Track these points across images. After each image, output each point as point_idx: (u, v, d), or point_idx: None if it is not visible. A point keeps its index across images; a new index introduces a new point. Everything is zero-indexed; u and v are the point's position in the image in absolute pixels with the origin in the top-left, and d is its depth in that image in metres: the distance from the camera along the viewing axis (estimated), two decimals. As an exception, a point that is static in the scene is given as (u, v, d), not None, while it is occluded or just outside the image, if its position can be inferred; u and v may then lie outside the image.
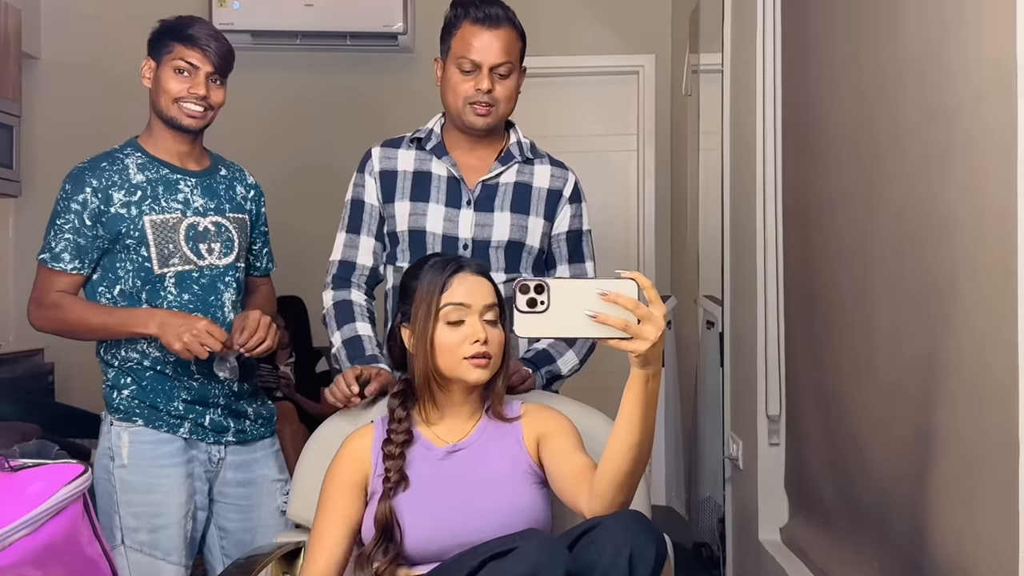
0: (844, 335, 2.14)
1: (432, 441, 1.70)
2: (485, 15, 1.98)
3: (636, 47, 4.82)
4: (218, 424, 2.15)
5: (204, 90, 2.09)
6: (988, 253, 1.44)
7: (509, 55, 2.00)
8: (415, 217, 2.04)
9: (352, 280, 2.09)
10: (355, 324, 2.02)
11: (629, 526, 1.40)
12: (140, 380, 2.11)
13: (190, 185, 2.15)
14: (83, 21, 4.72)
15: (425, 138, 2.09)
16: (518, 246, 2.05)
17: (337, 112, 4.72)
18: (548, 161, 2.14)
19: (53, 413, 3.75)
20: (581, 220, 2.15)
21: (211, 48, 2.09)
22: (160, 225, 2.09)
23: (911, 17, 1.72)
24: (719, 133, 3.14)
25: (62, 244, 2.08)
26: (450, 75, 2.00)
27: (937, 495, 1.63)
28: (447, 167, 2.06)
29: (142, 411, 2.10)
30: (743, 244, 2.89)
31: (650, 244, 4.83)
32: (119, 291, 2.10)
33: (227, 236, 2.17)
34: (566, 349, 2.05)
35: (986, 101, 1.43)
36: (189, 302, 2.10)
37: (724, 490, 3.15)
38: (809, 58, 2.39)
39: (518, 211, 2.06)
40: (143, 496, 2.07)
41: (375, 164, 2.09)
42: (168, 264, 2.09)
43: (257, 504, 2.20)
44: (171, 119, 2.10)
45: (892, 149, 1.82)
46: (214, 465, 2.16)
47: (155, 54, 2.12)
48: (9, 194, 4.37)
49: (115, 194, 2.08)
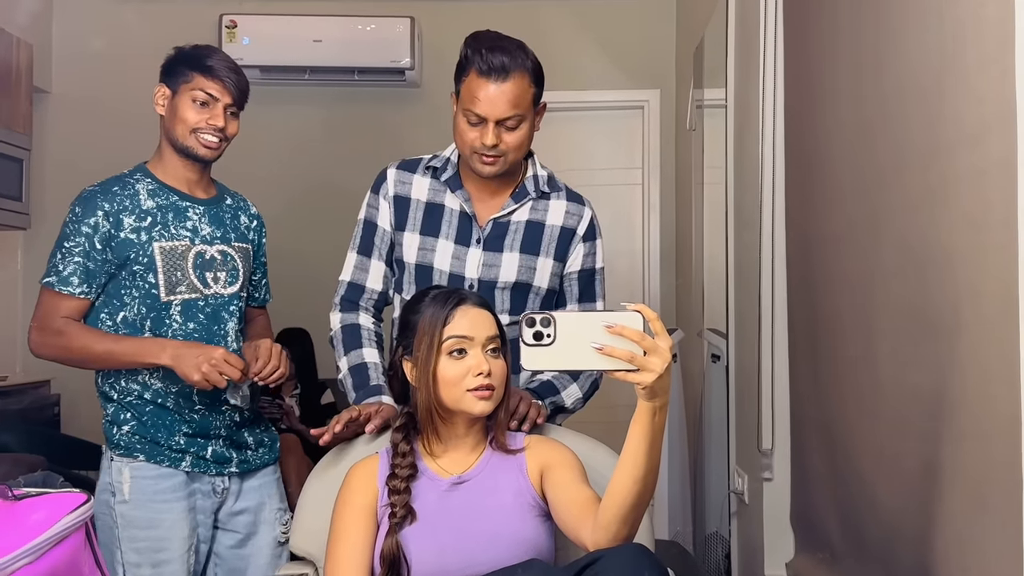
0: (848, 368, 2.14)
1: (437, 473, 1.69)
2: (490, 67, 1.89)
3: (641, 82, 4.86)
4: (220, 455, 2.13)
5: (222, 122, 2.09)
6: (991, 287, 1.44)
7: (518, 107, 1.91)
8: (423, 252, 2.02)
9: (360, 304, 2.07)
10: (362, 350, 2.01)
11: (633, 559, 1.40)
12: (140, 415, 2.08)
13: (198, 213, 2.14)
14: (94, 56, 4.77)
15: (441, 168, 2.05)
16: (525, 287, 2.02)
17: (344, 146, 4.76)
18: (565, 195, 2.09)
19: (59, 445, 3.74)
20: (595, 258, 2.11)
21: (231, 80, 2.09)
22: (169, 252, 2.08)
23: (911, 51, 1.74)
24: (723, 167, 3.15)
25: (71, 267, 2.04)
26: (459, 122, 1.94)
27: (943, 530, 1.62)
28: (460, 202, 2.02)
29: (143, 446, 2.07)
30: (747, 277, 2.89)
31: (655, 277, 4.84)
32: (122, 318, 2.07)
33: (232, 265, 2.17)
34: (570, 382, 2.03)
35: (989, 135, 1.43)
36: (194, 331, 2.09)
37: (730, 525, 3.13)
38: (812, 92, 2.41)
39: (528, 251, 2.02)
40: (145, 531, 2.05)
41: (390, 187, 2.06)
42: (175, 292, 2.08)
43: (255, 532, 2.19)
44: (186, 148, 2.10)
45: (895, 182, 1.83)
46: (218, 495, 2.15)
47: (171, 82, 2.11)
48: (18, 226, 4.40)
49: (125, 219, 2.06)
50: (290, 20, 4.67)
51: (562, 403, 2.03)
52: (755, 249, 2.75)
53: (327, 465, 1.90)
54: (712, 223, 3.62)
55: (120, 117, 4.65)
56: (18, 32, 4.31)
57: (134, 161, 2.21)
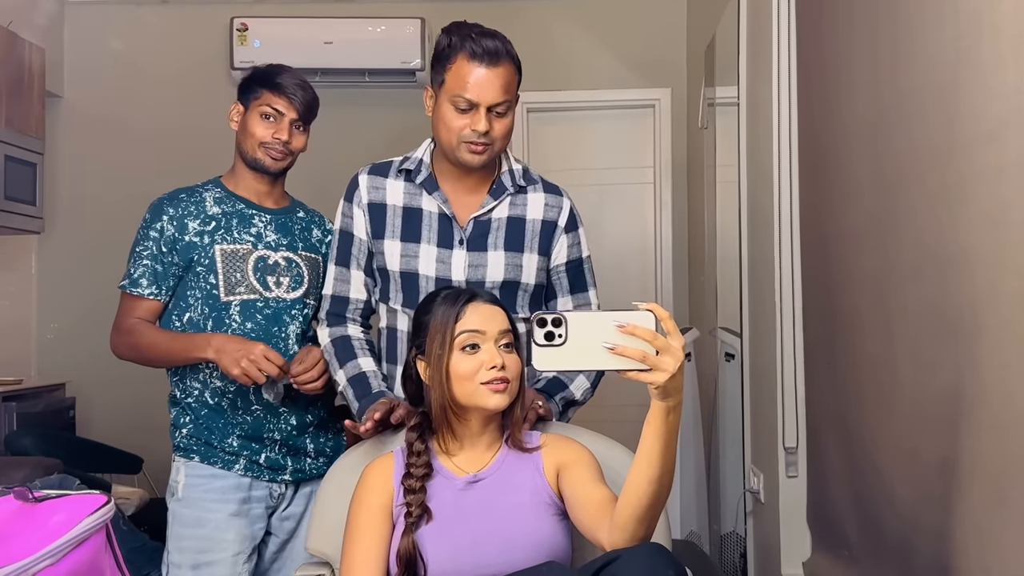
0: (866, 365, 2.13)
1: (452, 471, 1.70)
2: (484, 50, 1.87)
3: (652, 81, 4.86)
4: (274, 462, 2.17)
5: (287, 136, 2.17)
6: (1009, 285, 1.43)
7: (508, 92, 1.91)
8: (407, 259, 1.98)
9: (347, 315, 2.06)
10: (358, 360, 1.99)
11: (651, 559, 1.40)
12: (197, 417, 2.15)
13: (264, 221, 2.22)
14: (106, 60, 4.80)
15: (415, 170, 2.02)
16: (513, 285, 2.00)
17: (356, 148, 4.76)
18: (542, 187, 2.06)
19: (74, 447, 3.77)
20: (580, 248, 2.08)
21: (297, 96, 2.18)
22: (230, 254, 2.16)
23: (929, 46, 1.73)
24: (735, 165, 3.14)
25: (140, 270, 2.16)
26: (444, 111, 1.91)
27: (963, 527, 1.61)
28: (438, 203, 1.99)
29: (199, 447, 2.15)
30: (761, 275, 2.88)
31: (667, 276, 4.84)
32: (188, 319, 2.15)
33: (297, 272, 2.22)
34: (576, 374, 2.02)
35: (1007, 132, 1.42)
36: (252, 331, 2.14)
37: (746, 524, 3.12)
38: (826, 89, 2.40)
39: (512, 249, 1.99)
40: (191, 530, 2.10)
41: (363, 195, 2.03)
42: (234, 292, 2.15)
43: (296, 536, 2.22)
44: (254, 161, 2.19)
45: (912, 179, 1.82)
46: (275, 500, 2.19)
47: (244, 99, 2.21)
48: (32, 230, 4.43)
49: (190, 223, 2.16)
50: (301, 22, 4.69)
51: (572, 397, 2.02)
52: (769, 247, 2.74)
53: (341, 467, 1.90)
54: (725, 221, 3.62)
55: (132, 121, 4.68)
56: (31, 37, 4.33)
57: (146, 164, 2.28)
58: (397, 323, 2.03)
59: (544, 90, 4.84)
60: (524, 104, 4.85)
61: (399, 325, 2.03)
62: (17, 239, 4.60)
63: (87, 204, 4.61)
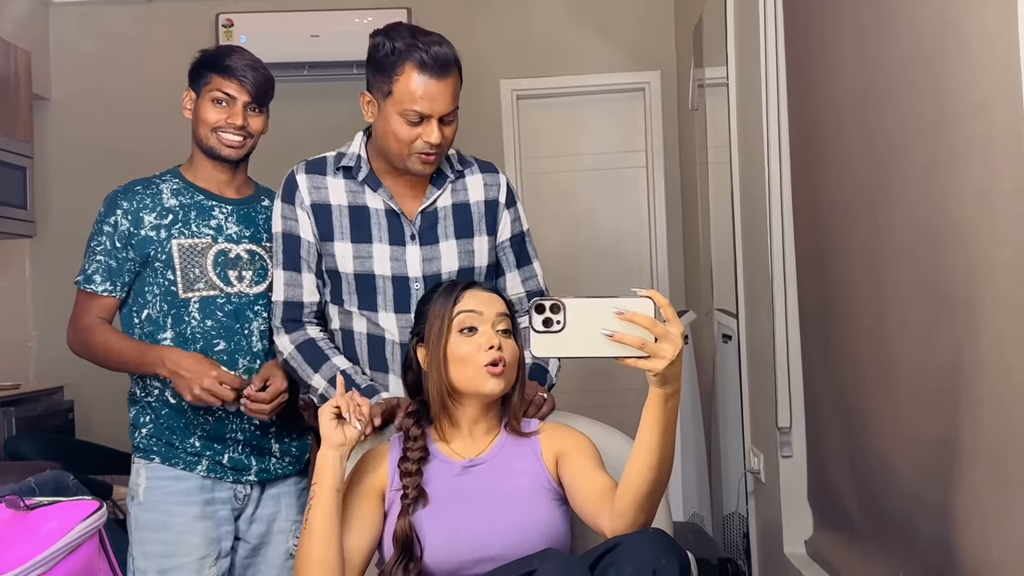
0: (862, 343, 2.12)
1: (449, 456, 1.70)
2: (435, 60, 1.80)
3: (641, 64, 4.84)
4: (238, 462, 2.10)
5: (241, 120, 2.09)
6: (1003, 255, 1.42)
7: (456, 99, 1.86)
8: (360, 260, 1.94)
9: (303, 319, 2.00)
10: (332, 361, 1.94)
11: (652, 545, 1.39)
12: (157, 417, 2.09)
13: (225, 212, 2.14)
14: (92, 60, 4.78)
15: (355, 167, 1.97)
16: (468, 272, 1.98)
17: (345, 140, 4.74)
18: (478, 168, 2.04)
19: (73, 450, 3.77)
20: (520, 223, 2.07)
21: (248, 78, 2.09)
22: (188, 249, 2.09)
23: (916, 21, 1.72)
24: (727, 146, 3.13)
25: (94, 266, 2.10)
26: (393, 123, 1.84)
27: (963, 502, 1.61)
28: (383, 199, 1.95)
29: (159, 448, 2.08)
30: (755, 255, 2.88)
31: (663, 259, 4.83)
32: (146, 315, 2.09)
33: (261, 265, 2.14)
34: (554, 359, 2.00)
35: (995, 104, 1.42)
36: (212, 328, 2.08)
37: (747, 504, 3.13)
38: (814, 66, 2.39)
39: (463, 236, 1.98)
40: (155, 534, 2.04)
41: (304, 196, 1.96)
42: (193, 288, 2.07)
43: (266, 543, 2.15)
44: (210, 149, 2.11)
45: (903, 154, 1.81)
46: (240, 503, 2.12)
47: (195, 85, 2.13)
48: (25, 235, 4.41)
49: (146, 217, 2.09)
50: (287, 16, 4.66)
51: (552, 382, 2.01)
52: (762, 226, 2.73)
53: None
54: (718, 202, 3.61)
55: (121, 120, 4.66)
56: (15, 40, 4.30)
57: (137, 163, 2.23)
58: (353, 325, 1.98)
59: (534, 76, 4.82)
60: (513, 91, 4.84)
61: (355, 327, 1.98)
62: (10, 244, 4.58)
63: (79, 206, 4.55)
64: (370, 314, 1.95)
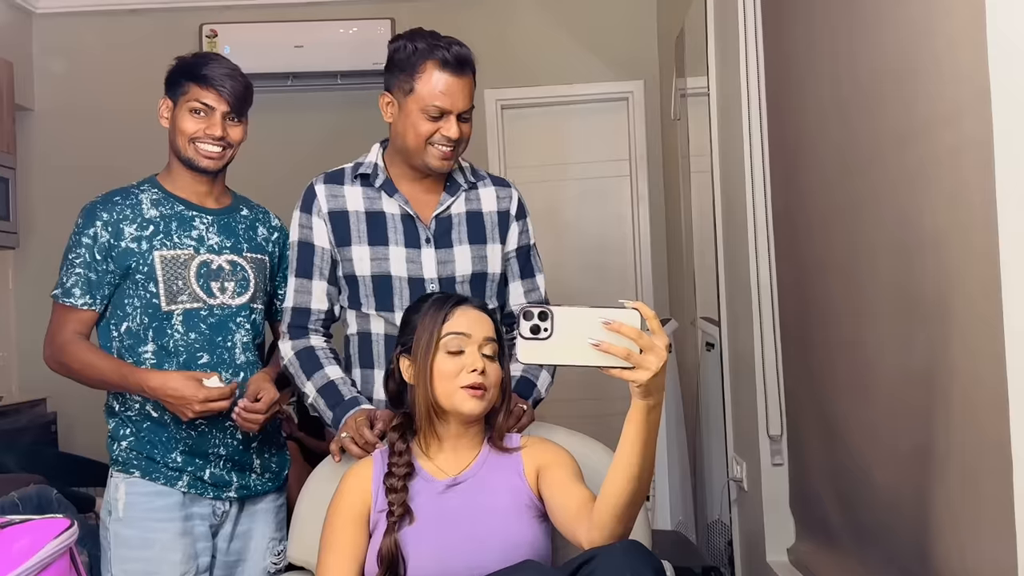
0: (840, 352, 2.14)
1: (433, 474, 1.70)
2: (455, 59, 1.91)
3: (624, 74, 4.85)
4: (219, 478, 2.07)
5: (220, 131, 2.06)
6: (974, 265, 1.44)
7: (472, 98, 1.96)
8: (377, 262, 1.99)
9: (309, 327, 2.03)
10: (324, 370, 1.97)
11: (627, 556, 1.40)
12: (138, 431, 2.05)
13: (206, 223, 2.11)
14: (76, 71, 4.76)
15: (372, 174, 2.02)
16: (481, 277, 2.04)
17: (330, 150, 4.72)
18: (491, 182, 2.11)
19: (57, 463, 3.75)
20: (528, 235, 2.14)
21: (226, 88, 2.06)
22: (170, 261, 2.05)
23: (886, 33, 1.74)
24: (708, 155, 3.15)
25: (73, 279, 2.04)
26: (413, 119, 1.92)
27: (939, 510, 1.63)
28: (399, 204, 2.01)
29: (139, 462, 2.04)
30: (737, 264, 2.89)
31: (647, 267, 4.84)
32: (126, 328, 2.05)
33: (242, 276, 2.12)
34: (539, 370, 2.03)
35: (964, 115, 1.43)
36: (196, 341, 2.05)
37: (731, 512, 3.14)
38: (792, 77, 2.41)
39: (476, 242, 2.04)
40: (136, 552, 2.00)
41: (322, 204, 2.01)
42: (176, 301, 2.04)
43: (242, 560, 2.12)
44: (188, 160, 2.08)
45: (876, 164, 1.83)
46: (218, 519, 2.09)
47: (172, 94, 2.10)
48: (7, 246, 4.40)
49: (126, 228, 2.05)
50: (271, 27, 4.66)
51: (540, 396, 2.04)
52: (743, 235, 2.75)
53: (322, 476, 1.90)
54: (700, 211, 3.62)
55: (105, 131, 4.64)
56: (-3, 51, 4.29)
57: (121, 174, 2.19)
58: (371, 327, 2.02)
59: (517, 86, 4.83)
60: (498, 100, 4.85)
61: (373, 328, 2.02)
62: (-8, 255, 4.57)
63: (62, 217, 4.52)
64: (387, 315, 1.99)
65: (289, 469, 2.25)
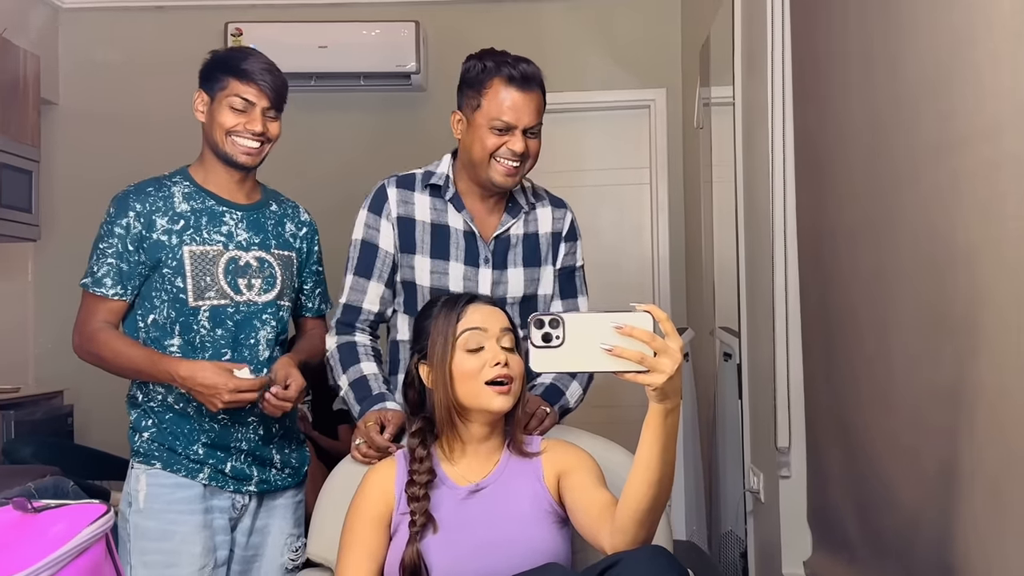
0: (864, 365, 2.12)
1: (456, 480, 1.70)
2: (522, 75, 1.94)
3: (647, 81, 4.85)
4: (240, 472, 2.07)
5: (260, 126, 2.05)
6: (1006, 279, 1.43)
7: (540, 115, 1.99)
8: (437, 276, 2.03)
9: (356, 324, 2.06)
10: (360, 365, 2.00)
11: (652, 561, 1.40)
12: (160, 422, 2.05)
13: (235, 218, 2.10)
14: (101, 67, 4.79)
15: (443, 186, 2.05)
16: (531, 298, 2.08)
17: (351, 151, 4.76)
18: (548, 202, 2.15)
19: (73, 455, 3.75)
20: (575, 256, 2.16)
21: (267, 82, 2.05)
22: (199, 257, 2.04)
23: (923, 45, 1.73)
24: (732, 165, 3.14)
25: (104, 268, 2.04)
26: (480, 133, 1.96)
27: (964, 526, 1.61)
28: (464, 220, 2.04)
29: (161, 454, 2.04)
30: (759, 275, 2.88)
31: (665, 277, 4.83)
32: (152, 320, 2.05)
33: (269, 273, 2.11)
34: (570, 381, 2.05)
35: (1004, 130, 1.42)
36: (221, 338, 2.05)
37: (746, 524, 3.12)
38: (821, 88, 2.39)
39: (530, 265, 2.08)
40: (156, 543, 2.00)
41: (393, 208, 2.04)
42: (204, 297, 2.04)
43: (261, 555, 2.13)
44: (226, 155, 2.06)
45: (909, 178, 1.81)
46: (237, 512, 2.09)
47: (208, 88, 2.08)
48: (28, 238, 4.42)
49: (158, 220, 2.04)
50: (295, 27, 4.68)
51: (568, 405, 2.04)
52: (766, 247, 2.73)
53: (345, 472, 1.90)
54: (722, 221, 3.61)
55: (128, 127, 4.67)
56: (25, 44, 4.32)
57: (143, 171, 2.19)
58: None
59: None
60: (520, 106, 4.84)
61: None
62: (13, 247, 4.59)
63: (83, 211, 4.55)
64: None
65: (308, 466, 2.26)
